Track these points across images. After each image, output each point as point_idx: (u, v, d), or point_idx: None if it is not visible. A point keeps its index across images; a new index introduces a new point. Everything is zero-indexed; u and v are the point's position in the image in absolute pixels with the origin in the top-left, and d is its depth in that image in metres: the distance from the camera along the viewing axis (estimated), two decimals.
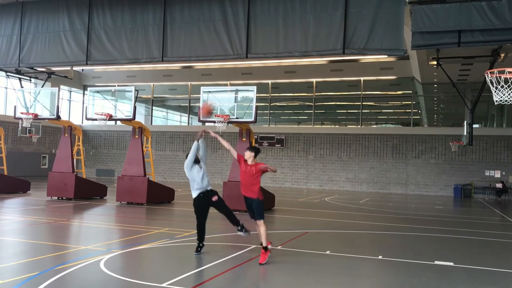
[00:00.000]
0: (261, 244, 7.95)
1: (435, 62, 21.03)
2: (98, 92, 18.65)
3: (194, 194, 8.38)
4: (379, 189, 30.52)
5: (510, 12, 13.51)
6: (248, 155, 8.22)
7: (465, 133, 24.51)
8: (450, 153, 29.10)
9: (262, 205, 8.13)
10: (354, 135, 31.49)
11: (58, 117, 18.18)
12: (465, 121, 24.68)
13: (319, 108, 34.17)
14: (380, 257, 8.78)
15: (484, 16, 13.69)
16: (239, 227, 8.53)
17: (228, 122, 15.78)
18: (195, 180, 8.29)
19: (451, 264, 8.34)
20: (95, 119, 17.50)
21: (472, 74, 24.41)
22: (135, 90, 17.55)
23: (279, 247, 9.42)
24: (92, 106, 17.95)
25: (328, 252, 9.06)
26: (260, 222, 8.04)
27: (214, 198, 8.41)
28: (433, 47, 15.84)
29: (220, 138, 8.61)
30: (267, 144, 32.97)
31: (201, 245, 8.36)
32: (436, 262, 8.42)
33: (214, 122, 15.83)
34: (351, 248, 9.80)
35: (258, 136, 31.64)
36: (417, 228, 13.40)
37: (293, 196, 24.17)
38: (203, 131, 8.62)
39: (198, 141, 8.44)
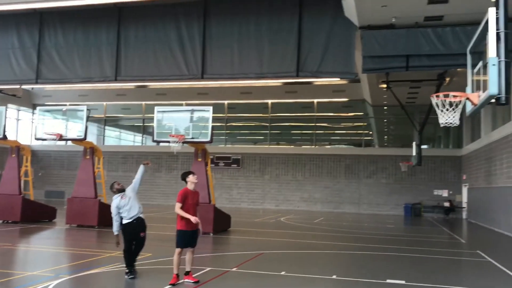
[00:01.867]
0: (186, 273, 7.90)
1: (385, 85, 21.85)
2: (48, 111, 18.12)
3: (125, 220, 8.24)
4: (333, 209, 30.98)
5: (454, 39, 14.28)
6: (195, 178, 8.09)
7: (414, 154, 25.45)
8: (400, 173, 30.00)
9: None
10: (308, 155, 31.96)
11: (5, 137, 17.48)
12: (414, 142, 25.64)
13: (275, 128, 34.53)
14: (334, 276, 8.88)
15: (430, 42, 14.41)
16: (131, 269, 8.18)
17: (183, 142, 15.65)
18: (125, 212, 8.23)
19: (403, 282, 8.53)
20: (45, 139, 16.94)
21: (420, 97, 25.42)
22: (87, 109, 17.15)
23: (234, 269, 9.35)
24: (41, 126, 17.38)
25: (283, 273, 9.07)
26: (193, 250, 7.98)
27: (142, 234, 8.32)
28: (382, 71, 16.48)
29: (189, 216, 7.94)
30: (223, 164, 32.89)
31: (132, 270, 8.16)
32: (388, 281, 8.59)
33: (168, 142, 15.67)
34: (306, 268, 9.86)
35: (214, 156, 31.53)
36: (370, 247, 13.66)
37: (249, 217, 24.13)
38: (147, 163, 8.85)
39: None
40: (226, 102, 34.45)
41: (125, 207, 8.20)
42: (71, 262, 10.13)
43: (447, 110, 7.90)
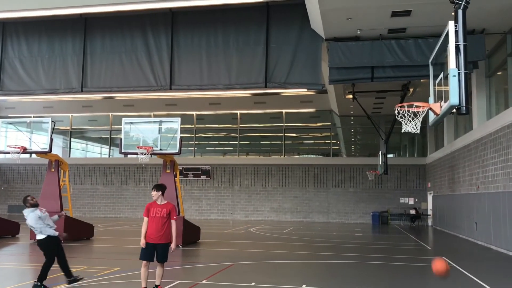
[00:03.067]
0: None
1: (351, 96, 22.28)
2: (11, 123, 17.64)
3: (50, 232, 8.34)
4: (302, 218, 31.16)
5: (417, 50, 14.75)
6: (155, 195, 7.95)
7: (380, 163, 25.97)
8: (368, 182, 30.50)
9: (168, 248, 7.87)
10: (277, 165, 32.13)
11: None
12: (380, 151, 26.17)
13: (244, 139, 34.59)
14: (304, 286, 8.92)
15: (394, 53, 14.82)
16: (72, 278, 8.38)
17: (151, 154, 15.51)
18: (48, 223, 8.35)
19: None
20: (8, 152, 16.46)
21: (385, 107, 26.00)
22: (52, 121, 16.78)
23: (204, 281, 9.28)
24: (4, 138, 16.88)
25: (253, 283, 9.06)
26: (162, 265, 7.94)
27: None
28: (348, 81, 16.82)
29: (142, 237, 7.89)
30: (193, 175, 32.69)
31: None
32: None
33: (136, 154, 15.50)
34: (276, 278, 9.88)
35: (183, 167, 31.31)
36: (339, 255, 13.81)
37: (219, 228, 24.01)
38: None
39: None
40: (194, 113, 34.34)
41: (46, 220, 8.33)
42: (36, 278, 9.83)
43: (412, 119, 8.13)
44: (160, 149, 15.57)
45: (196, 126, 34.55)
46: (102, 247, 15.28)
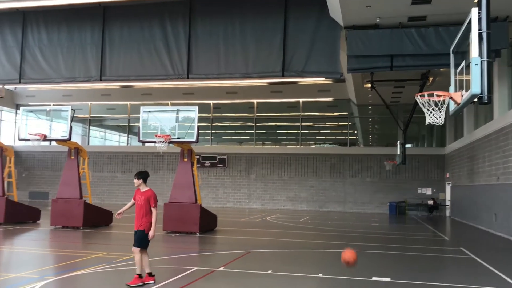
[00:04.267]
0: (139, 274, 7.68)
1: (369, 85, 22.04)
2: (31, 111, 17.89)
3: None
4: (318, 207, 31.14)
5: (437, 39, 14.48)
6: (136, 182, 7.82)
7: (398, 153, 25.72)
8: (385, 172, 30.28)
9: (145, 236, 7.73)
10: (294, 154, 32.08)
11: None
12: (398, 141, 25.91)
13: (260, 128, 34.58)
14: (320, 275, 8.94)
15: (414, 42, 14.59)
16: None
17: (169, 142, 15.61)
18: None
19: (388, 279, 8.63)
20: (28, 140, 16.74)
21: (404, 96, 25.70)
22: (71, 109, 16.99)
23: (221, 269, 9.36)
24: (25, 126, 17.16)
25: (270, 271, 9.11)
26: (136, 249, 7.70)
27: None
28: (367, 70, 16.64)
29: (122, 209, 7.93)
30: (209, 164, 32.85)
31: None
32: (374, 278, 8.68)
33: (154, 142, 15.62)
34: (292, 266, 9.91)
35: (200, 156, 31.48)
36: (355, 245, 13.78)
37: (235, 216, 24.15)
38: None
39: None
40: (211, 102, 34.41)
41: None
42: (56, 263, 10.04)
43: (432, 109, 8.02)
44: (178, 138, 15.66)
45: (213, 115, 34.64)
46: (121, 234, 15.51)
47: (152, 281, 7.71)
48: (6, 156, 18.66)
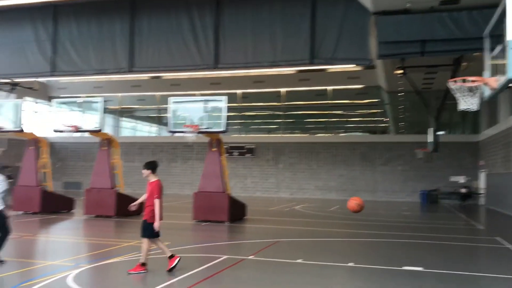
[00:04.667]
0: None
1: (400, 71, 21.60)
2: (64, 103, 18.29)
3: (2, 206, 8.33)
4: (348, 197, 30.59)
5: (470, 22, 14.01)
6: (144, 173, 7.89)
7: (430, 140, 25.19)
8: (416, 160, 29.74)
9: (148, 225, 7.86)
10: (323, 143, 31.85)
11: (22, 130, 17.71)
12: (430, 129, 25.37)
13: (288, 117, 34.44)
14: (351, 264, 8.87)
15: (446, 26, 14.16)
16: None
17: (198, 132, 15.72)
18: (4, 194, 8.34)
19: (420, 269, 8.50)
20: (62, 131, 17.13)
21: (436, 82, 25.10)
22: (103, 101, 17.27)
23: (250, 257, 9.40)
24: (58, 118, 17.56)
25: (299, 260, 9.10)
26: (144, 240, 7.86)
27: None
28: (397, 56, 16.29)
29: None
30: (238, 153, 32.97)
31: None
32: (405, 268, 8.57)
33: (184, 132, 15.75)
34: (322, 256, 9.87)
35: (228, 146, 31.59)
36: (386, 234, 13.62)
37: (264, 206, 24.21)
38: None
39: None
40: (239, 91, 34.43)
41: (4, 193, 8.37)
42: (90, 251, 10.29)
43: (466, 95, 7.79)
44: (206, 128, 15.74)
45: (241, 104, 34.67)
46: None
47: (144, 271, 7.73)
48: (40, 147, 19.15)
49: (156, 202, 7.69)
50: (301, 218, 17.97)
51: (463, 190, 28.23)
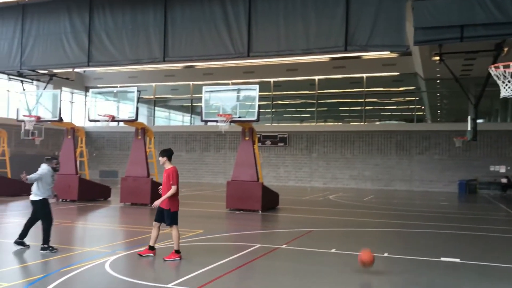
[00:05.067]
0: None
1: (437, 58, 20.93)
2: (100, 93, 18.64)
3: (44, 195, 8.56)
4: (383, 186, 30.43)
5: None
6: (161, 160, 8.00)
7: (469, 128, 24.42)
8: (454, 149, 28.96)
9: (172, 214, 7.99)
10: (357, 132, 31.42)
11: (61, 119, 18.17)
12: (469, 116, 24.59)
13: (322, 105, 34.09)
14: (386, 254, 8.72)
15: (486, 10, 13.58)
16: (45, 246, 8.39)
17: (230, 122, 15.74)
18: (49, 184, 8.57)
19: (458, 260, 8.28)
20: (98, 121, 17.48)
21: (476, 68, 24.30)
22: (137, 90, 17.50)
23: (283, 246, 9.37)
24: (94, 108, 17.92)
25: (333, 250, 9.00)
26: (172, 227, 8.00)
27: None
28: (435, 42, 15.74)
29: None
30: (270, 142, 32.92)
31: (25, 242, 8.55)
32: (443, 259, 8.36)
33: (216, 122, 15.79)
34: (357, 246, 9.73)
35: (261, 135, 31.59)
36: (422, 224, 13.33)
37: (297, 195, 24.13)
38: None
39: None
40: (272, 80, 34.27)
41: (50, 183, 8.59)
42: (126, 238, 10.48)
43: (508, 81, 7.48)
44: (239, 117, 15.74)
45: (274, 93, 34.52)
46: (186, 211, 15.91)
47: (152, 255, 7.99)
48: (78, 136, 19.64)
49: (173, 188, 7.83)
50: (335, 208, 17.81)
51: (504, 180, 27.34)
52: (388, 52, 27.24)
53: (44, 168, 8.63)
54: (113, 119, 17.21)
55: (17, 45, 18.09)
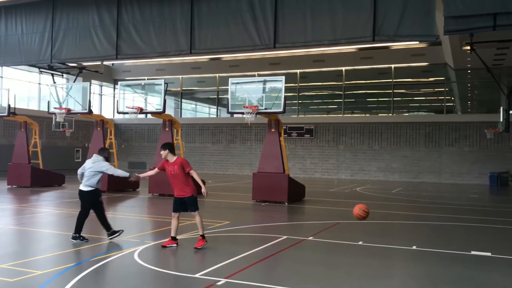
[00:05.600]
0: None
1: (468, 47, 20.39)
2: (128, 86, 18.91)
3: (98, 186, 8.60)
4: (412, 178, 29.99)
5: None
6: (163, 154, 8.14)
7: (501, 120, 23.81)
8: (485, 141, 28.29)
9: (195, 199, 8.17)
10: (385, 123, 30.99)
11: (90, 112, 18.50)
12: (501, 107, 23.96)
13: (349, 97, 33.73)
14: (414, 247, 8.61)
15: None
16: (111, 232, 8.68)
17: (256, 113, 15.73)
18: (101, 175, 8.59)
19: (489, 254, 8.11)
20: (126, 113, 17.74)
21: (508, 58, 23.61)
22: (165, 83, 17.67)
23: (310, 238, 9.35)
24: (122, 100, 18.19)
25: (360, 242, 8.94)
26: (195, 213, 8.13)
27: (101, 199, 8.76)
28: (466, 31, 15.30)
29: (145, 174, 8.61)
30: (296, 134, 32.80)
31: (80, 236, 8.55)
32: (473, 253, 8.20)
33: (242, 113, 15.81)
34: (384, 238, 9.64)
35: (287, 126, 31.50)
36: (453, 217, 13.09)
37: (323, 187, 24.02)
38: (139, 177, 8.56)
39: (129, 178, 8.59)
40: (298, 71, 34.07)
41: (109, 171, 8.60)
42: (155, 229, 10.64)
43: None
44: (265, 108, 15.72)
45: (300, 84, 34.32)
46: (213, 202, 16.06)
47: (175, 245, 8.15)
48: (107, 128, 19.98)
49: (193, 173, 8.19)
50: (362, 200, 17.65)
51: None
52: (417, 42, 26.67)
53: (99, 158, 8.70)
54: (141, 111, 17.44)
55: (48, 39, 18.47)
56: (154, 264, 7.07)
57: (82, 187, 8.58)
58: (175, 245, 8.15)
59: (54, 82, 23.72)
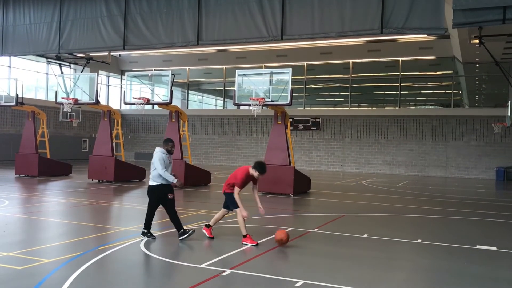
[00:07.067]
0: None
1: (477, 41, 20.22)
2: (135, 76, 18.94)
3: (159, 181, 8.20)
4: (417, 172, 29.92)
5: None
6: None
7: (509, 114, 23.66)
8: (493, 135, 28.14)
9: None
10: (392, 117, 30.87)
11: (98, 102, 18.57)
12: (509, 102, 23.79)
13: (356, 89, 33.61)
14: (419, 240, 8.62)
15: None
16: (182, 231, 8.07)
17: (263, 105, 15.72)
18: (167, 170, 8.23)
19: (494, 248, 8.11)
20: (133, 103, 17.78)
21: None
22: (171, 74, 17.67)
23: (315, 230, 9.38)
24: (129, 91, 18.24)
25: (365, 235, 8.96)
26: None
27: (171, 196, 8.25)
28: (475, 25, 15.17)
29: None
30: (303, 127, 32.76)
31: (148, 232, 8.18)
32: (478, 247, 8.20)
33: (249, 105, 15.81)
34: (390, 231, 9.65)
35: (293, 119, 31.47)
36: (458, 211, 13.08)
37: (329, 179, 24.02)
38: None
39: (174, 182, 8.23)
40: (305, 63, 33.96)
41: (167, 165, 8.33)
42: (161, 219, 10.70)
43: None
44: (272, 100, 15.70)
45: (307, 77, 34.23)
46: (219, 193, 16.11)
47: (206, 233, 8.32)
48: (114, 119, 20.05)
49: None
50: (368, 193, 17.66)
51: None
52: (425, 35, 26.49)
53: (159, 151, 8.41)
54: (148, 102, 17.48)
55: (56, 29, 18.50)
56: (159, 254, 7.13)
57: (149, 181, 8.28)
58: (206, 232, 8.32)
59: (62, 72, 23.79)
